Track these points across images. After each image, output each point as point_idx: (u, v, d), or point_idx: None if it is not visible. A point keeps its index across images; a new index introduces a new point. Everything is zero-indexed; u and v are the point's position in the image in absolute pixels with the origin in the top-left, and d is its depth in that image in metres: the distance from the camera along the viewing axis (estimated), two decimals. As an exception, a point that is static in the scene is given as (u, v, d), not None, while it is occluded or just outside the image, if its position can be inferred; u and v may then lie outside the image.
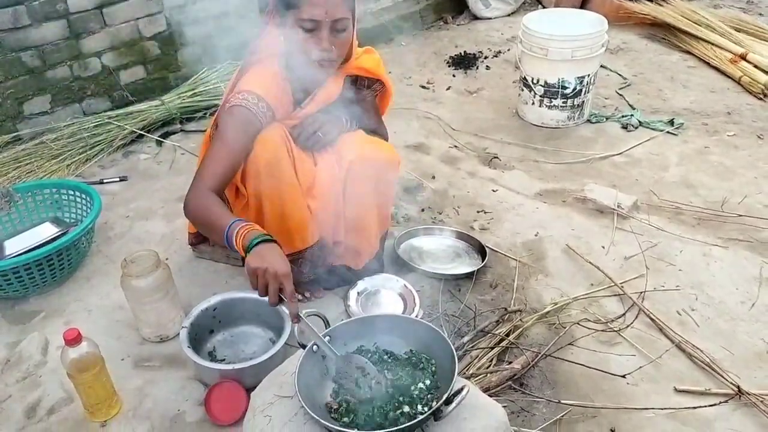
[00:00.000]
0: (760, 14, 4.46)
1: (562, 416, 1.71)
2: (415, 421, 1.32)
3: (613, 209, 2.49)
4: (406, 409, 1.40)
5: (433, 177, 2.81)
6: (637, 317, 2.03)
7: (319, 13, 1.67)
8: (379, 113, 2.12)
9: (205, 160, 1.74)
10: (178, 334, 1.84)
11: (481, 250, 2.30)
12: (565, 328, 1.99)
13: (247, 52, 1.88)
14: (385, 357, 1.56)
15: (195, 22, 3.41)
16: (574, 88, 3.07)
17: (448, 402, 1.33)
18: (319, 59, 1.74)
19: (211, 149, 1.75)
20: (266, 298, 1.47)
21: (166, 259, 2.29)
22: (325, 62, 1.75)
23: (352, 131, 1.98)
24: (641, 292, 2.12)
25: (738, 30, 3.87)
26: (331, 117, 1.96)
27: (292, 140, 1.87)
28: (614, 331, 1.99)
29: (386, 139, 2.09)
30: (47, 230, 2.24)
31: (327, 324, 1.61)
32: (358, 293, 2.10)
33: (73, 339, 1.59)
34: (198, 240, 2.22)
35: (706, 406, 1.73)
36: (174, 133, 3.19)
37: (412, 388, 1.45)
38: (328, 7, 1.67)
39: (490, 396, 1.61)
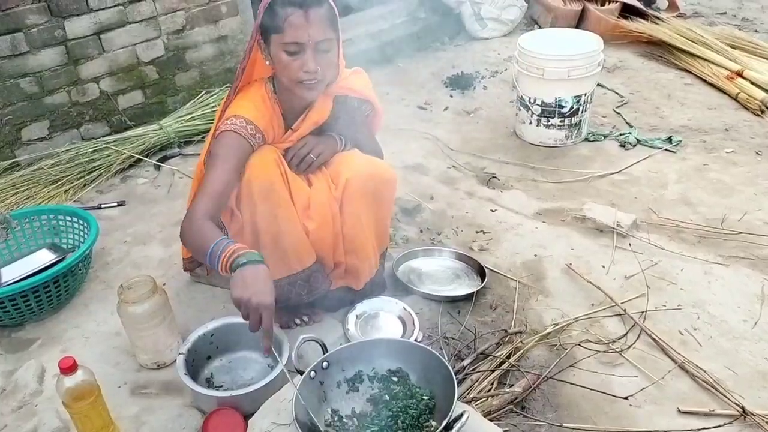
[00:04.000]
0: (756, 31, 4.48)
1: (565, 440, 1.69)
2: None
3: (613, 228, 2.48)
4: None
5: (432, 198, 2.80)
6: (638, 337, 2.01)
7: (302, 35, 1.68)
8: (373, 132, 2.13)
9: (199, 187, 1.74)
10: (176, 360, 1.82)
11: (481, 271, 2.29)
12: (566, 349, 1.97)
13: (234, 76, 1.89)
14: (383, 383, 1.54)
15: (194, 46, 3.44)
16: (571, 107, 3.08)
17: (448, 428, 1.32)
18: (304, 80, 1.74)
19: (204, 177, 1.75)
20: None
21: (164, 284, 2.28)
22: (311, 83, 1.76)
23: (347, 151, 1.99)
24: (642, 312, 2.10)
25: (734, 47, 3.89)
26: (323, 138, 1.97)
27: (286, 163, 1.87)
28: (616, 351, 1.97)
29: (381, 158, 2.09)
30: (44, 257, 2.24)
31: (325, 349, 1.60)
32: (356, 316, 2.09)
33: (69, 368, 1.57)
34: (192, 266, 2.21)
35: (710, 428, 1.70)
36: (172, 157, 3.19)
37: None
38: (311, 29, 1.68)
39: (491, 420, 1.59)
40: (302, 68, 1.72)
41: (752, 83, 3.52)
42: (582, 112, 3.12)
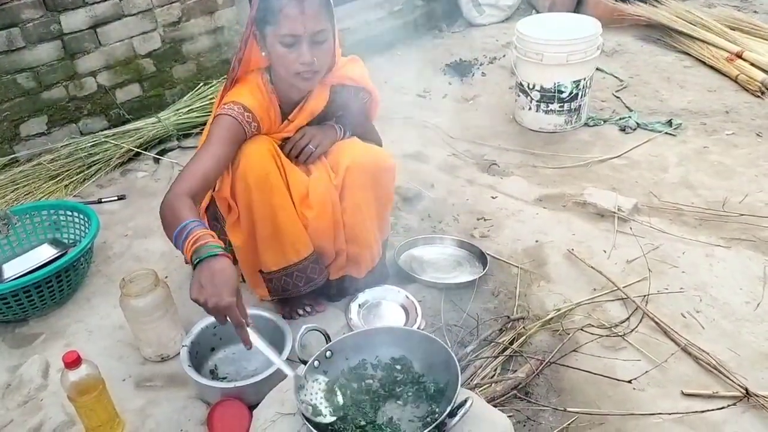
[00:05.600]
0: (755, 12, 4.45)
1: (569, 424, 1.70)
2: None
3: (614, 212, 2.48)
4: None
5: (432, 186, 2.80)
6: (641, 321, 2.01)
7: (297, 27, 1.66)
8: (371, 120, 2.12)
9: (187, 165, 1.70)
10: (179, 352, 1.82)
11: (482, 258, 2.29)
12: (569, 334, 1.97)
13: (230, 68, 1.88)
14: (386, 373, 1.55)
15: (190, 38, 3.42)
16: (571, 92, 3.07)
17: (452, 414, 1.32)
18: (301, 72, 1.73)
19: (195, 155, 1.72)
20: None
21: (166, 277, 2.28)
22: (308, 74, 1.74)
23: (347, 139, 1.98)
24: (645, 296, 2.10)
25: (733, 28, 3.87)
26: (322, 129, 1.96)
27: (283, 153, 1.87)
28: (619, 335, 1.97)
29: (380, 146, 2.09)
30: (46, 252, 2.23)
31: (328, 339, 1.60)
32: (359, 306, 2.09)
33: (73, 362, 1.57)
34: (193, 259, 2.21)
35: (714, 410, 1.71)
36: (171, 149, 3.19)
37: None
38: (306, 21, 1.66)
39: (495, 406, 1.60)
40: (298, 60, 1.70)
41: (752, 64, 3.51)
42: (581, 96, 3.11)
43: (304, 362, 1.52)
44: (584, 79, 3.07)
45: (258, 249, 1.88)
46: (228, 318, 1.37)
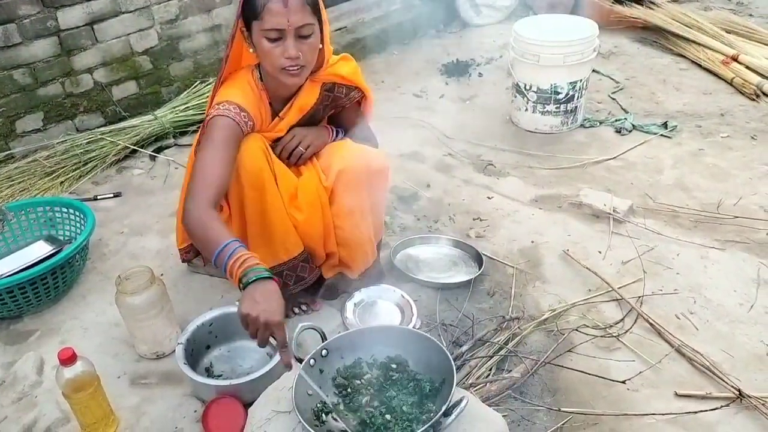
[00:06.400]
0: (750, 15, 4.48)
1: (563, 424, 1.70)
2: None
3: (609, 214, 2.49)
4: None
5: (428, 185, 2.80)
6: (635, 322, 2.02)
7: (281, 21, 1.66)
8: (365, 120, 2.11)
9: (198, 171, 1.68)
10: (175, 350, 1.82)
11: (478, 258, 2.30)
12: (563, 334, 1.98)
13: (220, 65, 1.88)
14: (381, 372, 1.55)
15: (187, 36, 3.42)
16: (567, 94, 3.07)
17: (447, 414, 1.32)
18: (287, 67, 1.72)
19: (202, 160, 1.70)
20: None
21: (161, 274, 2.28)
22: (294, 69, 1.73)
23: (339, 140, 1.98)
24: (639, 297, 2.11)
25: (729, 31, 3.89)
26: (313, 130, 1.96)
27: (272, 152, 1.87)
28: (613, 336, 1.98)
29: (376, 145, 2.08)
30: (41, 249, 2.23)
31: (324, 337, 1.60)
32: (354, 304, 2.09)
33: (68, 359, 1.57)
34: (189, 256, 2.21)
35: (707, 411, 1.72)
36: (167, 147, 3.18)
37: (404, 407, 1.44)
38: (290, 15, 1.66)
39: (489, 405, 1.60)
40: (283, 54, 1.70)
41: (747, 68, 3.52)
42: (577, 98, 3.12)
43: (300, 360, 1.52)
44: (581, 81, 3.08)
45: (249, 247, 1.88)
46: (273, 337, 1.41)
